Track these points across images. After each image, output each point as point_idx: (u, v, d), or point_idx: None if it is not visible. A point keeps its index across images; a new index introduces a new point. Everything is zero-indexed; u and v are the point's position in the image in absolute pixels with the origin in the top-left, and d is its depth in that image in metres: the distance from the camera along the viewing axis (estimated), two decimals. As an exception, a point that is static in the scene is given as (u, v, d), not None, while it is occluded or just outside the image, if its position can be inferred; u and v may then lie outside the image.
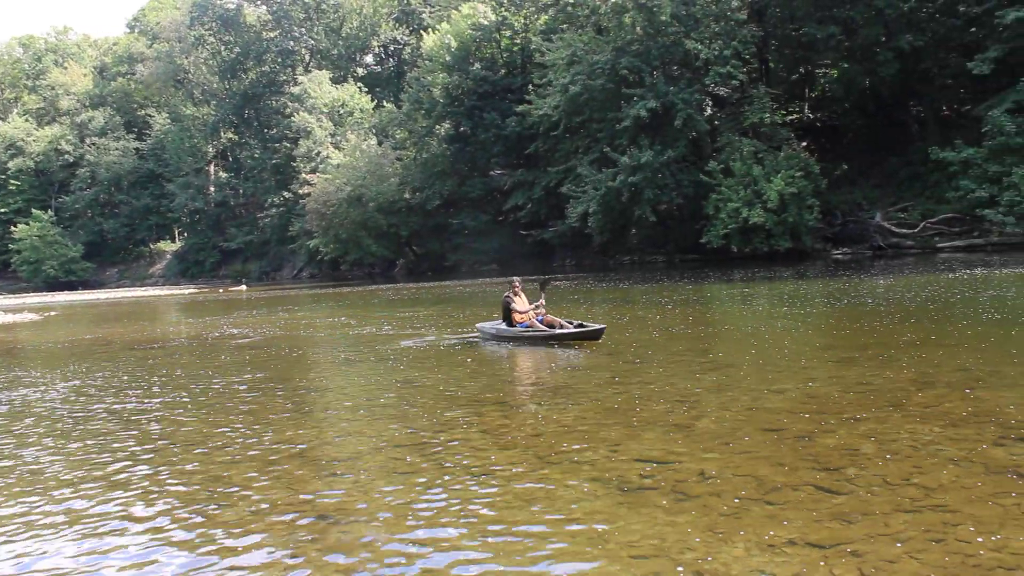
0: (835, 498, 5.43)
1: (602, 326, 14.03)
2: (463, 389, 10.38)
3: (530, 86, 51.34)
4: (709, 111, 46.05)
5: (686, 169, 43.53)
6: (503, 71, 59.76)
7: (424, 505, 5.82)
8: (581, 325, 14.45)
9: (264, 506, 6.05)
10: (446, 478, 6.43)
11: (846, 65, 45.12)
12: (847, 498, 5.41)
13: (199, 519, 5.88)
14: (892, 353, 11.02)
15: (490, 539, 5.11)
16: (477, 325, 16.67)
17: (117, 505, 6.33)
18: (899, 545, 4.62)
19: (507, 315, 15.43)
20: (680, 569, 4.50)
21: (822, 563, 4.46)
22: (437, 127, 61.57)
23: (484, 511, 5.62)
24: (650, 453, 6.74)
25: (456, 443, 7.50)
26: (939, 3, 41.66)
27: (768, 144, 41.78)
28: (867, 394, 8.51)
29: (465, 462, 6.85)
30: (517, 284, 15.87)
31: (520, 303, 15.44)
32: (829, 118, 51.20)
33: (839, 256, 39.76)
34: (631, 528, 5.10)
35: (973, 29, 39.96)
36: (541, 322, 15.09)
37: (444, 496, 5.99)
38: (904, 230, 39.81)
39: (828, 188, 41.88)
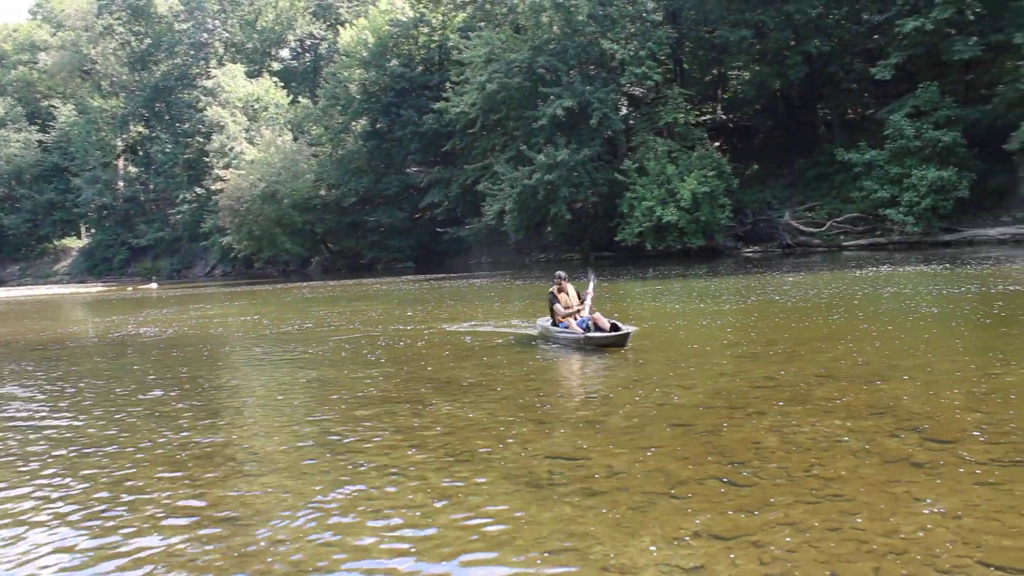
0: (739, 491, 5.58)
1: (628, 331, 12.54)
2: (376, 388, 10.34)
3: (447, 83, 51.20)
4: (624, 110, 46.57)
5: (601, 168, 43.98)
6: (420, 68, 59.50)
7: (334, 505, 5.79)
8: (615, 327, 12.90)
9: (168, 509, 5.94)
10: (357, 478, 6.41)
11: (757, 68, 46.27)
12: (751, 490, 5.57)
13: (99, 524, 5.74)
14: (797, 348, 11.36)
15: (400, 538, 5.12)
16: (537, 321, 15.07)
17: (12, 511, 6.14)
18: (798, 535, 4.78)
19: (552, 314, 14.05)
20: (588, 564, 4.58)
21: (725, 554, 4.58)
22: (353, 123, 61.02)
23: (394, 510, 5.62)
24: (560, 450, 6.83)
25: (368, 442, 7.48)
26: (844, 10, 43.11)
27: (682, 144, 42.48)
28: (773, 389, 8.75)
29: (376, 461, 6.83)
30: (562, 278, 14.15)
31: (565, 300, 13.88)
32: (741, 119, 52.32)
33: (750, 254, 40.66)
34: (540, 525, 5.17)
35: (876, 36, 41.41)
36: (584, 324, 13.39)
37: (355, 496, 5.97)
38: (811, 229, 40.96)
39: (739, 187, 42.84)
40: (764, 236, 42.69)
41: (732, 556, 4.55)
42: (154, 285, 60.54)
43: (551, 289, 14.08)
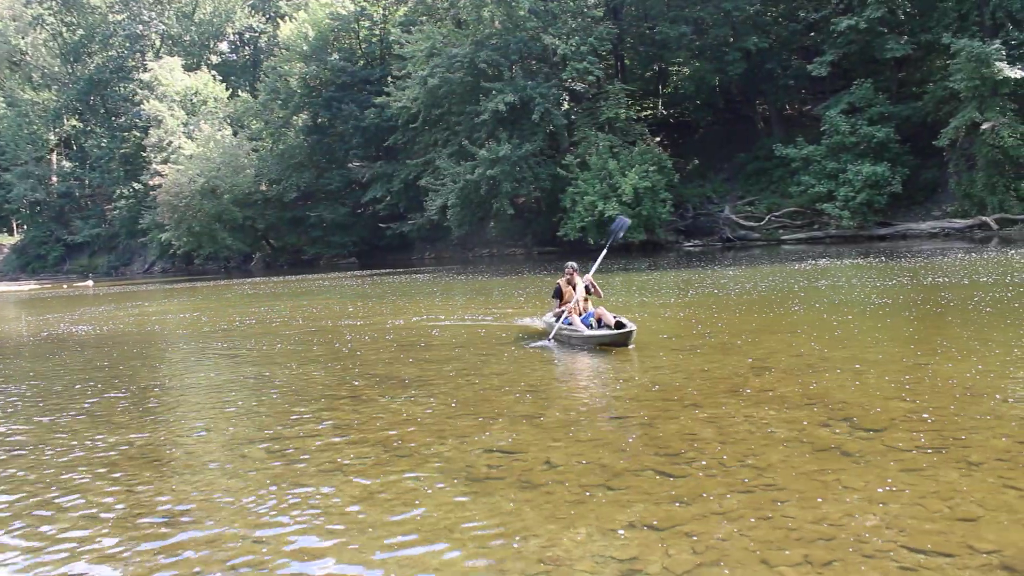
0: (674, 482, 5.66)
1: (631, 328, 11.73)
2: (316, 384, 10.28)
3: (389, 78, 51.00)
4: (566, 106, 46.82)
5: (543, 163, 44.19)
6: (362, 62, 59.15)
7: (272, 503, 5.75)
8: (620, 324, 12.17)
9: (101, 510, 5.84)
10: (293, 475, 6.37)
11: (697, 64, 46.92)
12: (685, 481, 5.66)
13: (29, 525, 5.62)
14: (734, 341, 11.54)
15: (338, 534, 5.10)
16: (544, 317, 14.24)
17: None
18: (730, 524, 4.86)
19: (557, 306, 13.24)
20: (523, 557, 4.61)
21: (658, 545, 4.65)
22: (294, 118, 60.47)
23: (332, 507, 5.60)
24: (498, 444, 6.87)
25: (305, 439, 7.43)
26: (781, 8, 44.07)
27: (623, 139, 42.87)
28: (709, 381, 8.89)
29: (314, 458, 6.80)
30: (572, 269, 13.27)
31: (569, 294, 13.10)
32: (681, 114, 52.94)
33: (691, 248, 41.15)
34: (477, 518, 5.19)
35: (812, 34, 42.31)
36: (588, 319, 12.72)
37: (291, 494, 5.93)
38: (751, 223, 41.66)
39: (680, 182, 43.38)
40: (705, 230, 43.27)
41: (665, 546, 4.62)
42: (90, 283, 59.28)
43: (559, 282, 13.35)
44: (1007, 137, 33.72)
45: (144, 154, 68.35)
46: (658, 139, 46.34)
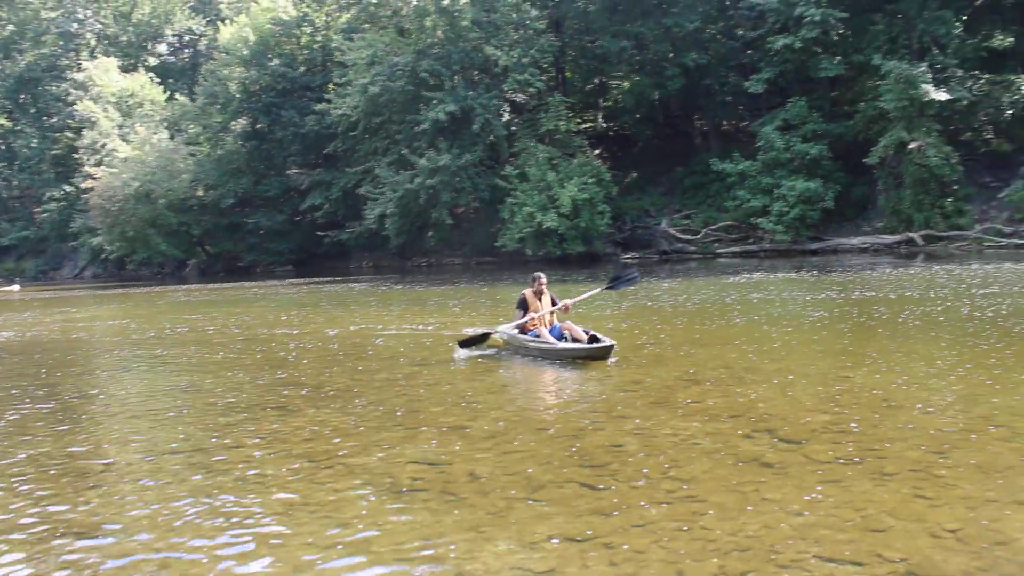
0: (597, 493, 5.70)
1: (611, 343, 11.21)
2: (244, 394, 10.14)
3: (330, 85, 50.63)
4: (507, 117, 46.95)
5: (483, 173, 44.25)
6: (303, 68, 58.59)
7: (192, 515, 5.64)
8: (594, 339, 11.65)
9: (21, 521, 5.69)
10: (216, 486, 6.27)
11: (637, 78, 47.44)
12: (607, 493, 5.70)
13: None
14: (665, 353, 11.67)
15: (257, 547, 5.03)
16: (498, 328, 13.39)
17: None
18: (650, 535, 4.91)
19: (521, 319, 12.51)
20: (443, 569, 4.60)
21: (577, 556, 4.67)
22: (233, 123, 59.57)
23: (253, 519, 5.52)
24: (424, 455, 6.84)
25: (230, 450, 7.32)
26: (720, 26, 44.93)
27: (563, 151, 43.07)
28: (637, 392, 8.97)
29: (237, 469, 6.70)
30: (542, 280, 12.68)
31: (536, 306, 12.39)
32: (621, 128, 53.38)
33: (628, 260, 41.44)
34: (398, 531, 5.17)
35: (749, 51, 43.08)
36: (556, 331, 12.17)
37: (213, 505, 5.83)
38: (687, 236, 42.15)
39: (618, 195, 43.76)
40: (642, 243, 43.67)
41: (584, 558, 4.65)
42: (16, 287, 57.64)
43: (524, 292, 12.64)
44: (933, 157, 34.90)
45: (76, 156, 66.69)
46: (597, 152, 46.71)
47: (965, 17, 39.15)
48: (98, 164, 60.99)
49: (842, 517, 5.05)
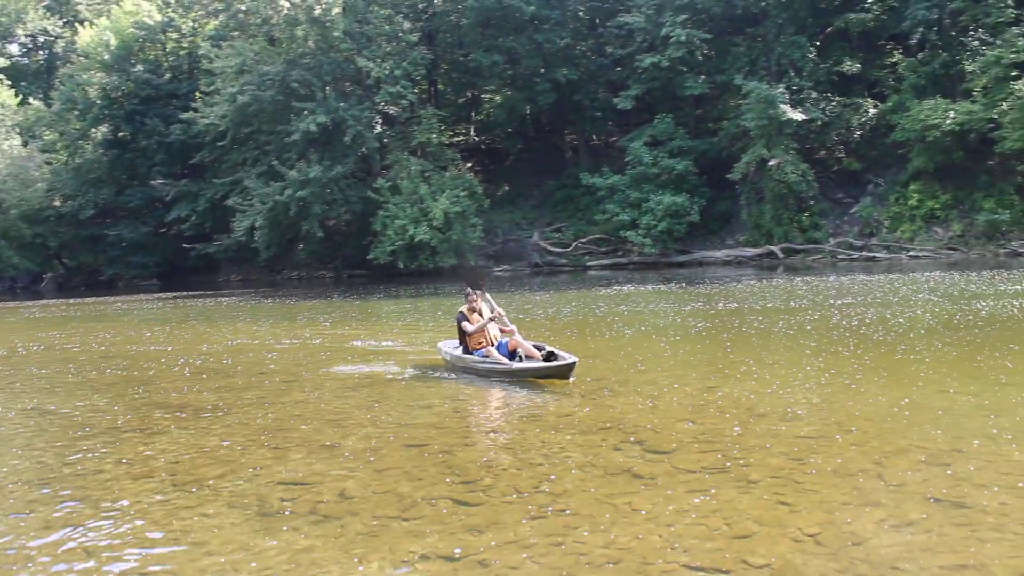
0: (470, 510, 5.70)
1: (572, 360, 10.46)
2: (103, 415, 9.69)
3: (197, 93, 49.24)
4: (379, 129, 46.56)
5: (355, 185, 43.80)
6: (168, 75, 56.76)
7: (44, 545, 5.36)
8: (551, 355, 10.96)
9: None
10: (72, 515, 5.97)
11: (509, 92, 47.98)
12: (480, 509, 5.71)
13: None
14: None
15: None
16: (439, 345, 12.88)
17: None
18: (523, 551, 4.94)
19: (462, 338, 11.76)
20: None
21: (451, 575, 4.66)
22: (93, 130, 57.11)
23: (112, 548, 5.28)
24: (293, 475, 6.71)
25: (88, 475, 7.00)
26: (590, 43, 46.02)
27: (435, 163, 43.10)
28: (509, 407, 9.03)
29: (96, 495, 6.40)
30: (474, 295, 11.93)
31: (476, 320, 11.64)
32: (493, 141, 53.79)
33: (500, 273, 41.74)
34: (267, 555, 5.04)
35: (619, 69, 44.27)
36: (504, 349, 11.41)
37: (68, 535, 5.55)
38: (559, 249, 42.76)
39: (490, 208, 44.03)
40: (514, 256, 44.04)
41: None
42: None
43: (461, 308, 11.92)
44: (791, 173, 36.71)
45: (-82, 162, 62.91)
46: (469, 165, 46.98)
47: (818, 43, 41.30)
48: (-57, 172, 57.53)
49: (709, 526, 5.20)
